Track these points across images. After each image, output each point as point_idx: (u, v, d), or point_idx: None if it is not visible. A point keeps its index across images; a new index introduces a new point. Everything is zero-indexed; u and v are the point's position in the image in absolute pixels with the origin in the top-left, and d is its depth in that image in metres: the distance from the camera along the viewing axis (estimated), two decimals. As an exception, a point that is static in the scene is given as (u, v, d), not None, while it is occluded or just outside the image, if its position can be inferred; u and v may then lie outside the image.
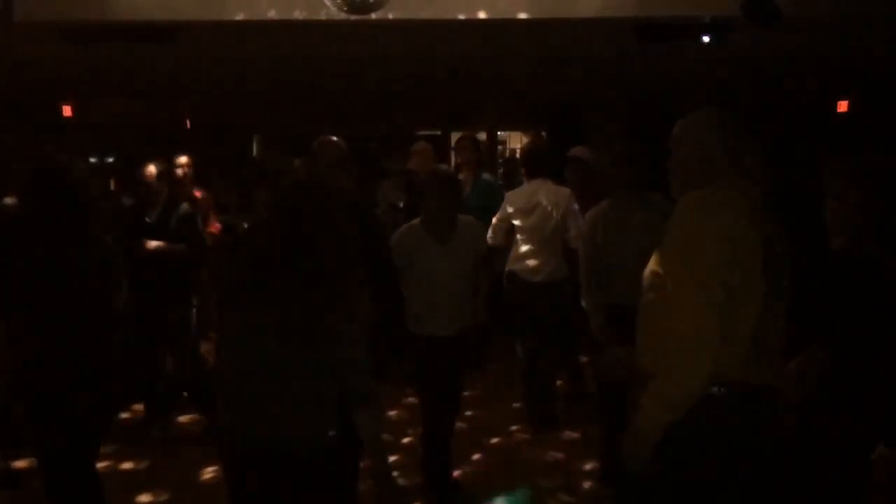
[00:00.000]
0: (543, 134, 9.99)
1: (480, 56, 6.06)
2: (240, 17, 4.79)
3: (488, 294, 3.90)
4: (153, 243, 4.46)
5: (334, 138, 3.35)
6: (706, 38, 4.93)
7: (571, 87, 8.35)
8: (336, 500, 2.18)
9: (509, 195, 4.86)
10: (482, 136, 12.07)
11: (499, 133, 13.47)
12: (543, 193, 4.60)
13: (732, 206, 1.94)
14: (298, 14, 4.74)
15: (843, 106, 8.45)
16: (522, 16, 4.81)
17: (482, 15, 4.81)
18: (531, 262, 4.61)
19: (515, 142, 14.30)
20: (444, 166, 4.18)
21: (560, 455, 4.35)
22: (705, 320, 1.85)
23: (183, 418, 4.83)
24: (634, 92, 8.66)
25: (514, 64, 6.62)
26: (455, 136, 9.18)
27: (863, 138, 7.45)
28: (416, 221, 3.62)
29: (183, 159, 5.42)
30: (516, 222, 4.67)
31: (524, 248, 4.64)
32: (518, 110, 11.25)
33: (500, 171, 10.58)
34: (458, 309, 3.60)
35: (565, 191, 4.65)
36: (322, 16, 4.62)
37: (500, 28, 5.10)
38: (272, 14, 4.75)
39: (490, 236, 4.64)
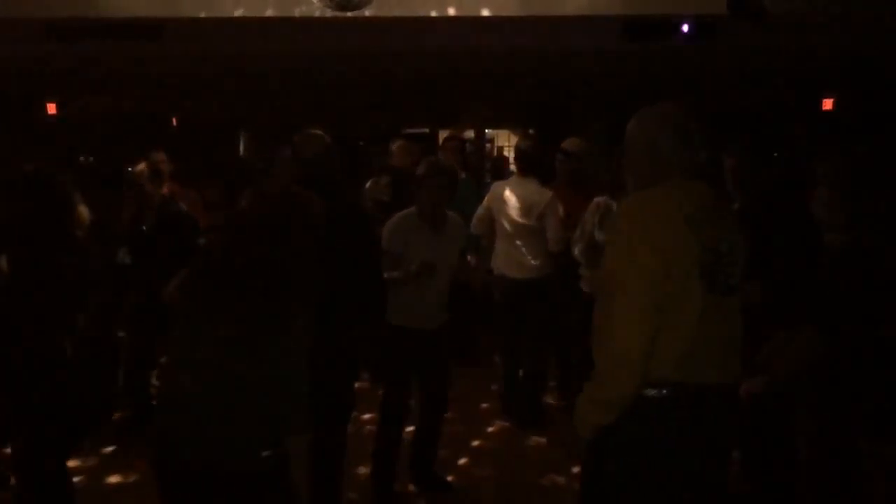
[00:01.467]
0: (532, 132, 9.97)
1: (469, 54, 6.05)
2: (228, 14, 4.76)
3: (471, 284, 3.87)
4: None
5: (317, 132, 3.20)
6: (686, 28, 4.99)
7: (560, 86, 8.36)
8: None
9: (494, 185, 4.89)
10: (470, 134, 12.06)
11: (487, 131, 13.46)
12: (525, 193, 4.55)
13: (667, 212, 1.89)
14: (270, 12, 4.70)
15: (827, 104, 8.49)
16: (496, 14, 4.79)
17: (469, 13, 4.78)
18: (514, 260, 4.58)
19: (503, 140, 14.30)
20: (441, 159, 4.13)
21: (545, 443, 4.38)
22: (635, 332, 1.85)
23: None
24: (623, 90, 8.67)
25: (502, 62, 6.61)
26: (443, 135, 9.16)
27: (849, 135, 7.50)
28: (410, 210, 3.59)
29: (157, 156, 5.29)
30: (498, 216, 4.66)
31: (506, 245, 4.62)
32: (507, 109, 11.25)
33: (489, 172, 10.55)
34: (442, 302, 3.60)
35: (547, 193, 4.55)
36: (296, 13, 4.56)
37: (489, 26, 5.09)
38: (240, 12, 4.71)
39: (472, 225, 4.67)
